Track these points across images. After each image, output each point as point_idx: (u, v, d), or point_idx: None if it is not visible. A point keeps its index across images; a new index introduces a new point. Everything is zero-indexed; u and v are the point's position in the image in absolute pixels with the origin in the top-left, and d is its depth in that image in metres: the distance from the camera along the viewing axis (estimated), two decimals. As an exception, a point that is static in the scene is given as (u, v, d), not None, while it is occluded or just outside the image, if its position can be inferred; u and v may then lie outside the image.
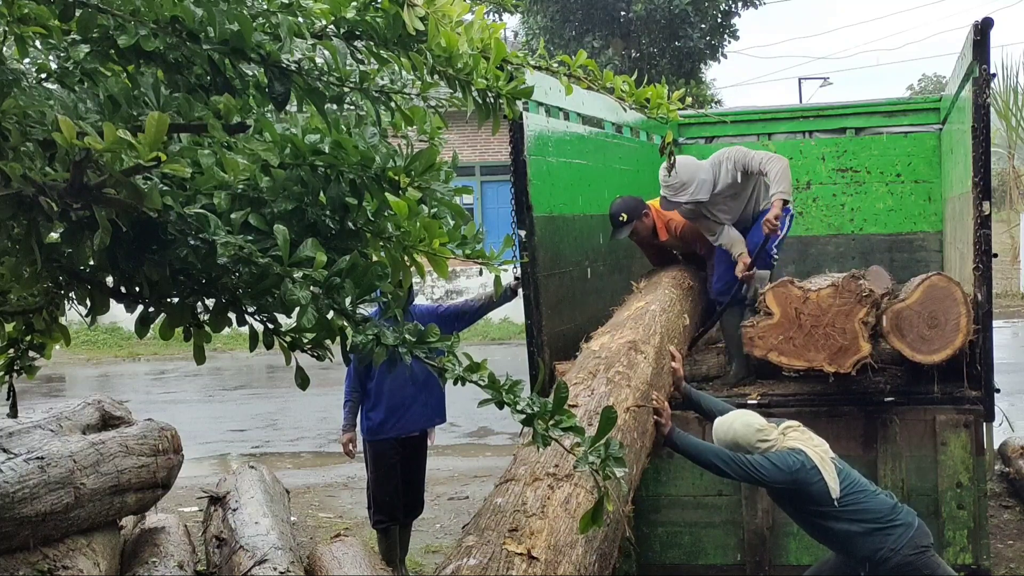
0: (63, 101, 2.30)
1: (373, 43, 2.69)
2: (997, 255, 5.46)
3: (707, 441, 4.45)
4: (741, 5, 22.37)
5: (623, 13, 21.56)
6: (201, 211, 2.25)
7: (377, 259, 2.59)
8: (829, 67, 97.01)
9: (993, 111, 18.74)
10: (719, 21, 22.27)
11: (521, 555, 2.74)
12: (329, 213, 2.49)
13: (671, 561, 5.51)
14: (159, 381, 15.68)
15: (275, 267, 2.26)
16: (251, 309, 2.47)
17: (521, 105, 3.56)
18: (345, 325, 2.42)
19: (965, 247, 5.69)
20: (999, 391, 5.39)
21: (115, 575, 5.17)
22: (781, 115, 8.82)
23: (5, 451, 4.63)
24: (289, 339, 2.48)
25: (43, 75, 2.60)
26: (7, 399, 3.15)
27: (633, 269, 7.04)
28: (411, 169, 2.49)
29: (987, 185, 5.09)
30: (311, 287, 2.28)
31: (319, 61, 2.55)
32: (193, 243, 2.26)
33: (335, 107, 2.64)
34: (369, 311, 2.52)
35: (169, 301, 2.50)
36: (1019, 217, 22.36)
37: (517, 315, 7.74)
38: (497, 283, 2.88)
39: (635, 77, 3.72)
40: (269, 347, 2.50)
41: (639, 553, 5.43)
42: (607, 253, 6.79)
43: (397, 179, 2.48)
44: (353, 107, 2.81)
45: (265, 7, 2.57)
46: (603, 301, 6.19)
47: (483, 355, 2.72)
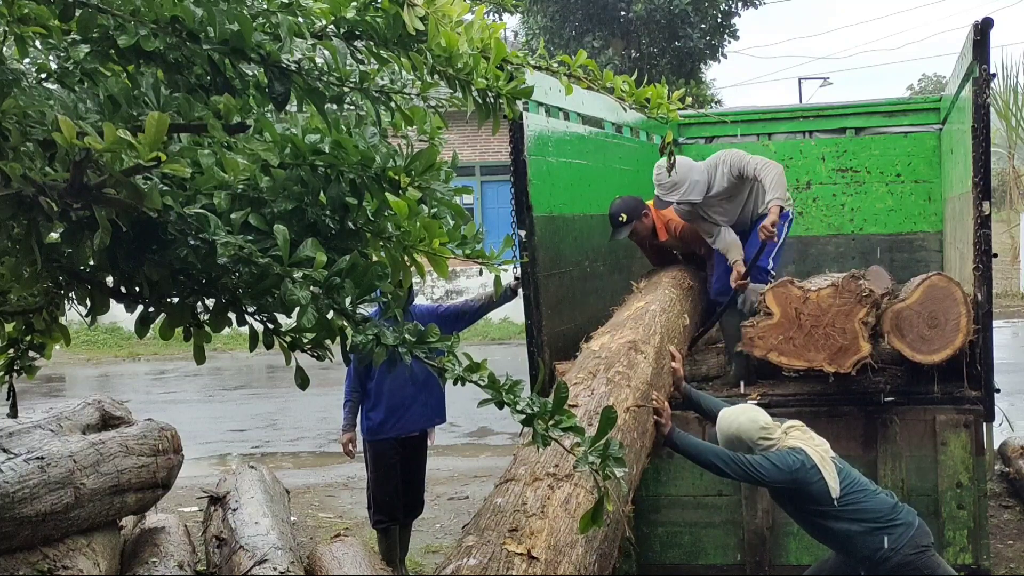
0: (63, 101, 2.30)
1: (373, 43, 2.69)
2: (997, 255, 5.46)
3: (707, 441, 4.45)
4: (741, 5, 22.38)
5: (623, 13, 21.56)
6: (201, 211, 2.25)
7: (377, 259, 2.59)
8: (829, 67, 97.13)
9: (993, 111, 18.74)
10: (719, 21, 22.28)
11: (521, 555, 2.74)
12: (329, 213, 2.49)
13: (671, 561, 5.51)
14: (159, 381, 15.68)
15: (275, 267, 2.26)
16: (251, 309, 2.47)
17: (521, 105, 3.56)
18: (345, 325, 2.42)
19: (965, 247, 5.68)
20: (999, 391, 5.39)
21: (115, 575, 5.17)
22: (781, 115, 8.82)
23: (5, 451, 4.63)
24: (289, 339, 2.48)
25: (43, 75, 2.60)
26: (7, 399, 3.15)
27: (633, 269, 7.03)
28: (411, 169, 2.49)
29: (987, 185, 5.09)
30: (311, 287, 2.28)
31: (319, 61, 2.55)
32: (193, 243, 2.26)
33: (335, 107, 2.64)
34: (369, 311, 2.52)
35: (169, 301, 2.50)
36: (1019, 217, 22.37)
37: (517, 315, 7.74)
38: (497, 283, 2.88)
39: (635, 77, 3.72)
40: (269, 347, 2.50)
41: (639, 553, 5.43)
42: (607, 253, 6.79)
43: (397, 179, 2.48)
44: (353, 107, 2.81)
45: (265, 7, 2.57)
46: (603, 301, 6.19)
47: (483, 355, 2.72)
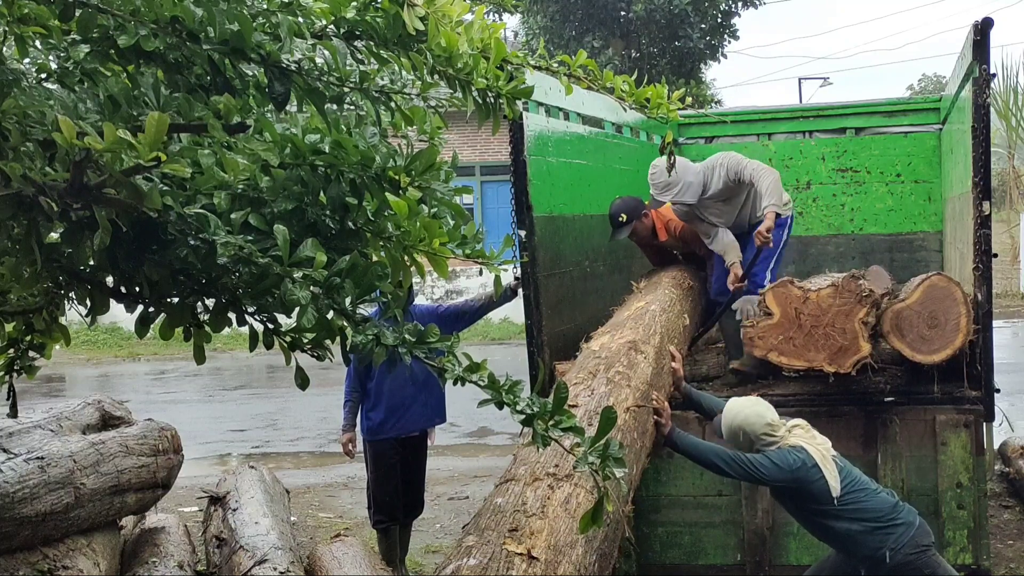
0: (63, 101, 2.30)
1: (373, 43, 2.69)
2: (997, 255, 5.46)
3: (708, 440, 4.45)
4: (741, 5, 22.37)
5: (623, 13, 21.55)
6: (201, 211, 2.25)
7: (377, 259, 2.59)
8: (829, 67, 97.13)
9: (993, 111, 18.74)
10: (719, 21, 22.27)
11: (521, 555, 2.74)
12: (329, 213, 2.49)
13: (671, 561, 5.51)
14: (159, 381, 15.68)
15: (275, 267, 2.26)
16: (251, 309, 2.47)
17: (521, 105, 3.56)
18: (345, 325, 2.42)
19: (965, 247, 5.68)
20: (999, 391, 5.39)
21: (115, 575, 5.17)
22: (781, 115, 8.82)
23: (5, 451, 4.63)
24: (289, 339, 2.48)
25: (43, 75, 2.60)
26: (7, 399, 3.15)
27: (633, 269, 7.03)
28: (411, 169, 2.49)
29: (987, 185, 5.09)
30: (311, 287, 2.28)
31: (319, 61, 2.55)
32: (193, 243, 2.26)
33: (335, 107, 2.64)
34: (369, 311, 2.52)
35: (169, 301, 2.50)
36: (1019, 217, 22.37)
37: (517, 315, 7.74)
38: (497, 283, 2.88)
39: (635, 77, 3.71)
40: (269, 347, 2.50)
41: (639, 553, 5.43)
42: (607, 253, 6.79)
43: (397, 179, 2.48)
44: (353, 107, 2.81)
45: (265, 7, 2.57)
46: (603, 301, 6.19)
47: (483, 355, 2.72)
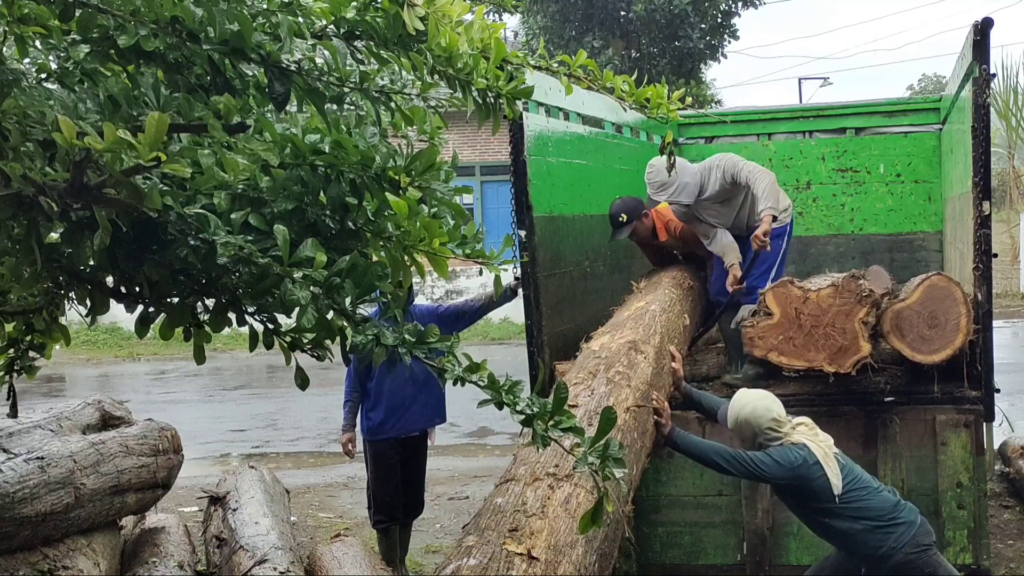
0: (63, 101, 2.30)
1: (373, 43, 2.69)
2: (997, 255, 5.47)
3: (709, 439, 4.45)
4: (741, 5, 22.36)
5: (623, 13, 21.55)
6: (201, 211, 2.25)
7: (377, 259, 2.59)
8: (829, 67, 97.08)
9: (993, 111, 18.74)
10: (719, 21, 22.27)
11: (521, 555, 2.74)
12: (329, 213, 2.49)
13: (671, 561, 5.51)
14: (159, 381, 15.68)
15: (275, 267, 2.26)
16: (251, 309, 2.47)
17: (521, 105, 3.56)
18: (345, 325, 2.42)
19: (965, 247, 5.68)
20: (999, 391, 5.39)
21: (115, 575, 5.17)
22: (781, 115, 8.82)
23: (5, 451, 4.63)
24: (289, 339, 2.48)
25: (43, 75, 2.60)
26: (7, 399, 3.15)
27: (633, 269, 7.03)
28: (411, 169, 2.49)
29: (987, 185, 5.09)
30: (311, 287, 2.28)
31: (319, 61, 2.54)
32: (193, 243, 2.26)
33: (335, 107, 2.64)
34: (369, 311, 2.52)
35: (169, 301, 2.50)
36: (1019, 217, 22.37)
37: (517, 315, 7.73)
38: (497, 283, 2.88)
39: (635, 77, 3.71)
40: (269, 347, 2.50)
41: (639, 553, 5.43)
42: (607, 253, 6.79)
43: (397, 179, 2.48)
44: (353, 107, 2.81)
45: (265, 7, 2.57)
46: (603, 301, 6.19)
47: (483, 355, 2.72)
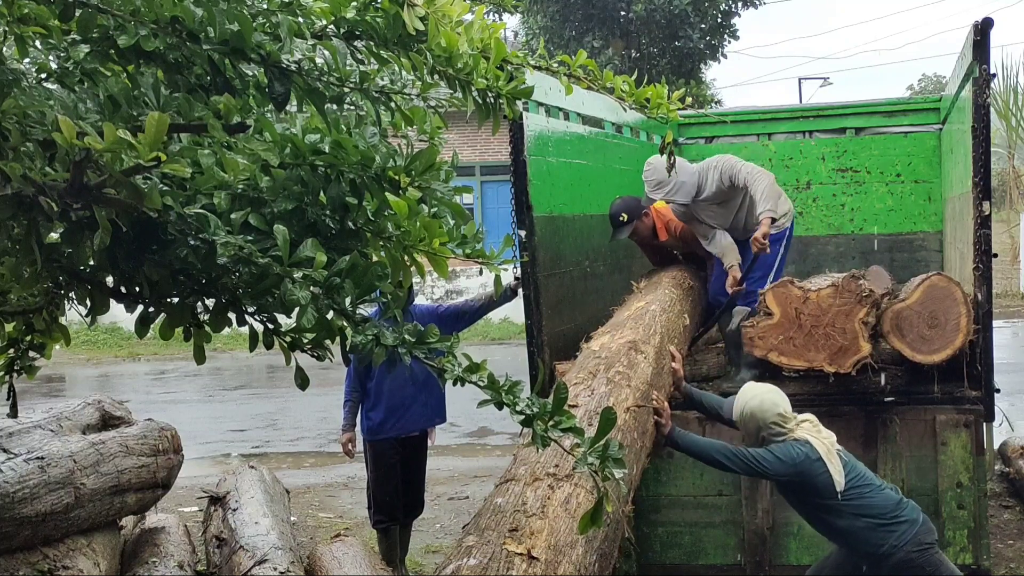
0: (63, 101, 2.30)
1: (373, 43, 2.69)
2: (997, 255, 5.46)
3: (709, 435, 4.46)
4: (741, 5, 22.37)
5: (623, 13, 21.55)
6: (201, 211, 2.25)
7: (377, 259, 2.59)
8: (829, 67, 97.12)
9: (993, 111, 18.74)
10: (719, 21, 22.26)
11: (521, 555, 2.74)
12: (329, 213, 2.49)
13: (671, 561, 5.51)
14: (159, 381, 15.68)
15: (275, 267, 2.26)
16: (251, 309, 2.47)
17: (521, 105, 3.55)
18: (345, 325, 2.42)
19: (965, 247, 5.68)
20: (999, 391, 5.39)
21: (115, 575, 5.17)
22: (781, 115, 8.82)
23: (5, 451, 4.63)
24: (289, 339, 2.48)
25: (43, 75, 2.60)
26: (7, 399, 3.15)
27: (633, 269, 7.04)
28: (411, 169, 2.49)
29: (987, 185, 5.09)
30: (311, 287, 2.28)
31: (319, 61, 2.54)
32: (193, 243, 2.26)
33: (335, 107, 2.64)
34: (369, 311, 2.52)
35: (169, 301, 2.50)
36: (1019, 217, 22.37)
37: (517, 315, 7.74)
38: (497, 283, 2.88)
39: (635, 77, 3.71)
40: (269, 347, 2.50)
41: (639, 553, 5.43)
42: (607, 253, 6.79)
43: (397, 179, 2.48)
44: (353, 107, 2.81)
45: (265, 7, 2.57)
46: (603, 301, 6.19)
47: (483, 355, 2.72)
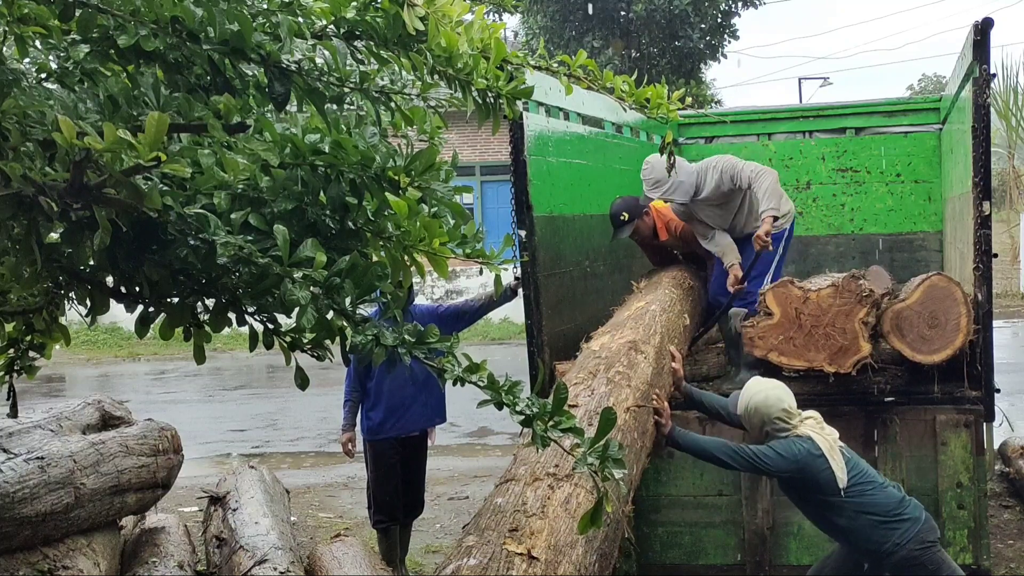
0: (63, 101, 2.30)
1: (373, 43, 2.69)
2: (997, 255, 5.46)
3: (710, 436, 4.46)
4: (741, 5, 22.37)
5: (623, 13, 21.55)
6: (201, 211, 2.25)
7: (377, 259, 2.59)
8: (829, 67, 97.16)
9: (993, 111, 18.74)
10: (719, 21, 22.27)
11: (521, 555, 2.74)
12: (329, 213, 2.49)
13: (671, 561, 5.51)
14: (159, 381, 15.68)
15: (275, 267, 2.26)
16: (251, 309, 2.47)
17: (521, 105, 3.55)
18: (345, 325, 2.42)
19: (965, 247, 5.69)
20: (999, 391, 5.39)
21: (115, 575, 5.17)
22: (781, 115, 8.82)
23: (5, 451, 4.63)
24: (289, 339, 2.48)
25: (43, 75, 2.60)
26: (7, 399, 3.15)
27: (633, 269, 7.04)
28: (411, 169, 2.49)
29: (987, 185, 5.09)
30: (311, 287, 2.28)
31: (319, 61, 2.54)
32: (193, 243, 2.26)
33: (335, 107, 2.63)
34: (369, 311, 2.52)
35: (169, 301, 2.50)
36: (1019, 217, 22.36)
37: (517, 315, 7.74)
38: (497, 283, 2.88)
39: (635, 77, 3.71)
40: (269, 347, 2.50)
41: (639, 553, 5.43)
42: (607, 253, 6.79)
43: (397, 179, 2.48)
44: (353, 107, 2.81)
45: (265, 7, 2.57)
46: (603, 301, 6.19)
47: (483, 355, 2.72)
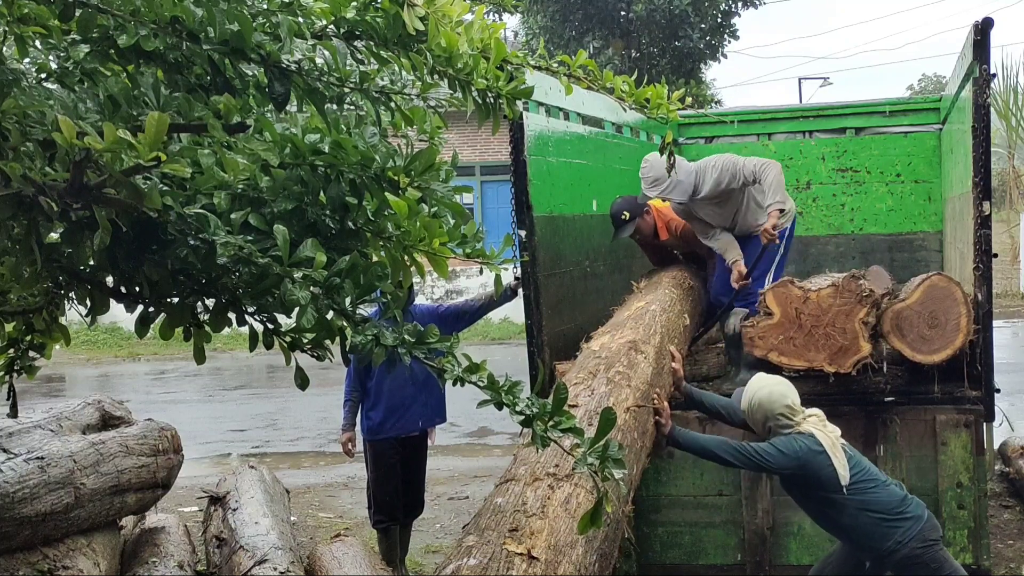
0: (63, 101, 2.30)
1: (373, 43, 2.69)
2: (997, 255, 5.47)
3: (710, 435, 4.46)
4: (741, 5, 22.36)
5: (623, 13, 21.55)
6: (201, 211, 2.25)
7: (377, 259, 2.59)
8: (829, 67, 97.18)
9: (993, 111, 18.74)
10: (719, 21, 22.27)
11: (521, 555, 2.74)
12: (329, 213, 2.49)
13: (671, 561, 5.51)
14: (159, 381, 15.68)
15: (275, 267, 2.26)
16: (251, 309, 2.47)
17: (521, 105, 3.55)
18: (345, 325, 2.42)
19: (965, 247, 5.69)
20: (999, 391, 5.39)
21: (115, 575, 5.17)
22: (781, 115, 8.82)
23: (5, 451, 4.63)
24: (289, 339, 2.48)
25: (43, 75, 2.60)
26: (7, 399, 3.15)
27: (633, 269, 7.04)
28: (411, 169, 2.49)
29: (987, 185, 5.09)
30: (311, 287, 2.28)
31: (319, 61, 2.55)
32: (193, 243, 2.26)
33: (335, 107, 2.64)
34: (369, 311, 2.52)
35: (169, 301, 2.50)
36: (1019, 217, 22.36)
37: (517, 315, 7.74)
38: (497, 283, 2.88)
39: (635, 77, 3.71)
40: (269, 347, 2.50)
41: (639, 553, 5.43)
42: (607, 253, 6.79)
43: (397, 179, 2.48)
44: (353, 107, 2.81)
45: (265, 7, 2.57)
46: (603, 301, 6.19)
47: (483, 355, 2.72)
